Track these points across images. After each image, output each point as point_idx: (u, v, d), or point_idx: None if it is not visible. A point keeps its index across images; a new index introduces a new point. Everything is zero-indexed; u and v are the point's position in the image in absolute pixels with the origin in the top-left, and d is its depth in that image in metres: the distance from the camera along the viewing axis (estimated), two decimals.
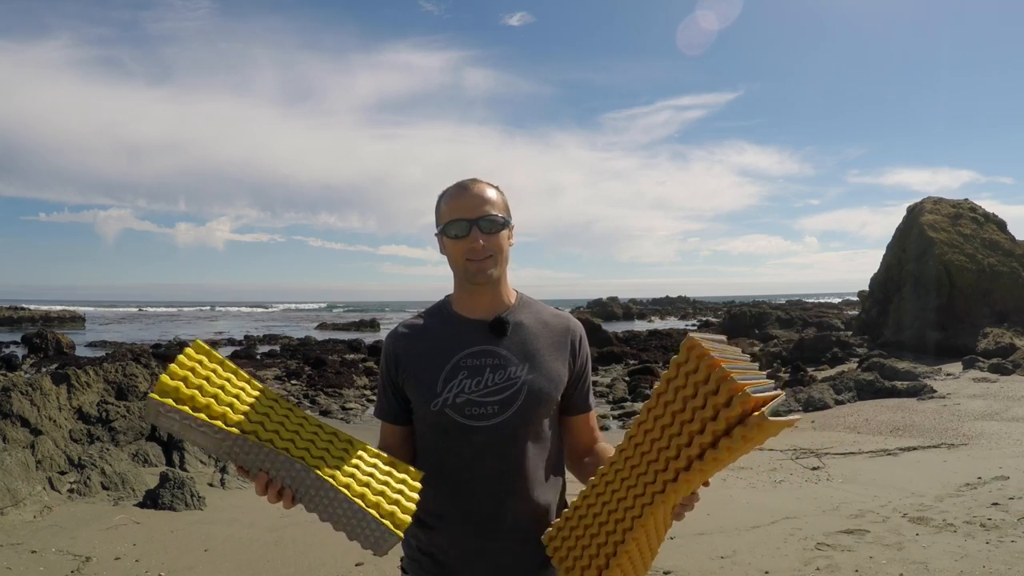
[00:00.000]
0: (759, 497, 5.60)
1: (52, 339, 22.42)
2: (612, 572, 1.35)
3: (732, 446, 1.18)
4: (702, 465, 1.22)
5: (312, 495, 1.32)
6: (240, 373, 1.39)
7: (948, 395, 10.34)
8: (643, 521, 1.31)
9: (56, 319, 40.86)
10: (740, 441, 1.17)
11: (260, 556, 4.40)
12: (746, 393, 1.17)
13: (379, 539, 1.30)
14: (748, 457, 7.17)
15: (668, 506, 1.31)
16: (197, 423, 1.26)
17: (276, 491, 1.32)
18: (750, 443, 1.18)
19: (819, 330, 23.00)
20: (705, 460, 1.21)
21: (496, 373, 1.50)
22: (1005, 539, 4.21)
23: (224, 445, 1.30)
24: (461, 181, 1.57)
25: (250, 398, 1.36)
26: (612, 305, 47.38)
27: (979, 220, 18.62)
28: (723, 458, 1.20)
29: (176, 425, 1.28)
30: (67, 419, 6.97)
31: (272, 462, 1.30)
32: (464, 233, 1.51)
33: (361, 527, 1.30)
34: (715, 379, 1.21)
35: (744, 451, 1.21)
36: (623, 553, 1.34)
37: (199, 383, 1.31)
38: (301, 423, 1.37)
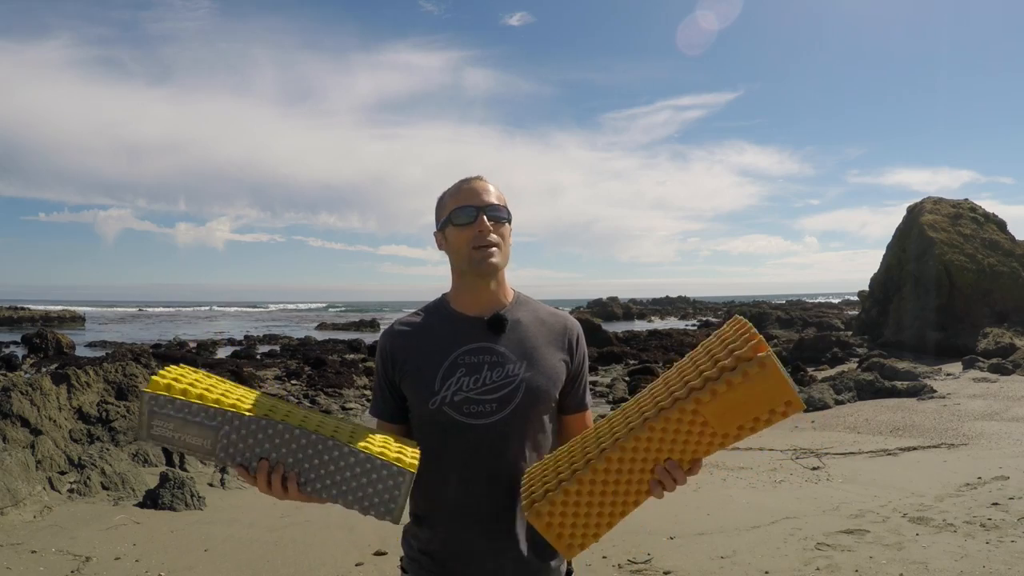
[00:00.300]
0: (759, 497, 5.59)
1: (52, 339, 22.42)
2: (557, 495, 1.29)
3: (730, 379, 1.19)
4: (699, 394, 1.22)
5: (316, 465, 1.27)
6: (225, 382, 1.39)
7: (948, 395, 10.34)
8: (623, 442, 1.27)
9: (56, 319, 40.88)
10: (739, 375, 1.19)
11: (260, 556, 4.40)
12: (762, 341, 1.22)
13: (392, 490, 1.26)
14: (748, 457, 7.16)
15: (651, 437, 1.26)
16: (193, 410, 1.24)
17: (280, 478, 1.27)
18: (749, 382, 1.19)
19: (819, 330, 23.01)
20: (703, 389, 1.22)
21: (494, 371, 1.50)
22: (1005, 539, 4.21)
23: (222, 434, 1.25)
24: (465, 177, 1.59)
25: (236, 391, 1.35)
26: (612, 305, 47.37)
27: (979, 220, 18.62)
28: (720, 390, 1.20)
29: (172, 425, 1.24)
30: (67, 419, 6.97)
31: (271, 438, 1.27)
32: (471, 219, 1.51)
33: (372, 486, 1.27)
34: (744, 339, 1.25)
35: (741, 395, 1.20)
36: (589, 470, 1.28)
37: (187, 385, 1.30)
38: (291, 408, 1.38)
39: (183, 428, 1.24)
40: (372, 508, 1.27)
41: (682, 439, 1.27)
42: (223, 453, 1.27)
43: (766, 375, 1.18)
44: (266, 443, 1.27)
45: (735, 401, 1.21)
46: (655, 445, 1.28)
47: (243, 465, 1.28)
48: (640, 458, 1.29)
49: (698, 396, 1.22)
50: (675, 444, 1.27)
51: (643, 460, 1.29)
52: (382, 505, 1.27)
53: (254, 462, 1.28)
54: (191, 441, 1.25)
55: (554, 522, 1.30)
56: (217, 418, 1.25)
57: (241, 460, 1.28)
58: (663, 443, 1.27)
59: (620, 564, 4.07)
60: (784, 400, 1.21)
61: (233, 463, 1.28)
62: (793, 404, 1.21)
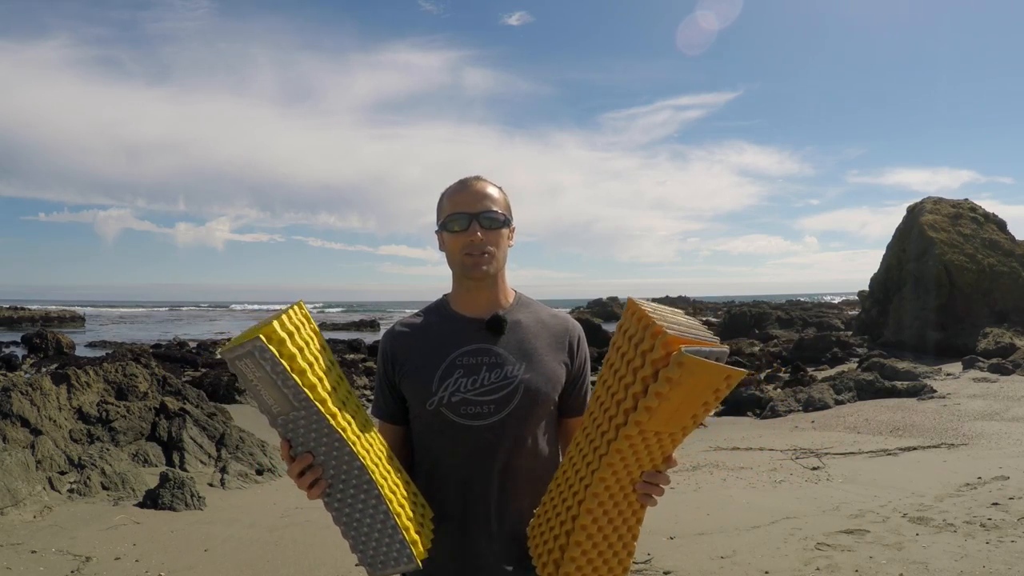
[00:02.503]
0: (759, 497, 5.59)
1: (52, 339, 22.42)
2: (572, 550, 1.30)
3: (658, 390, 1.14)
4: (635, 416, 1.18)
5: (348, 494, 1.29)
6: (328, 352, 1.36)
7: (948, 395, 10.34)
8: (593, 489, 1.26)
9: (56, 319, 40.87)
10: (664, 383, 1.13)
11: (260, 556, 4.40)
12: (665, 334, 1.13)
13: (390, 559, 1.29)
14: (748, 457, 7.17)
15: (618, 472, 1.26)
16: (288, 383, 1.20)
17: (313, 478, 1.28)
18: (677, 386, 1.12)
19: (819, 330, 22.99)
20: (638, 410, 1.17)
21: (492, 372, 1.49)
22: (1005, 539, 4.21)
23: (294, 414, 1.24)
24: (464, 178, 1.57)
25: (333, 381, 1.33)
26: (612, 305, 47.35)
27: (979, 220, 18.63)
28: (652, 405, 1.15)
29: (259, 374, 1.20)
30: (67, 419, 6.97)
31: (331, 448, 1.26)
32: (464, 227, 1.50)
33: (378, 543, 1.28)
34: (642, 329, 1.19)
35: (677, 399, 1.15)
36: (579, 529, 1.29)
37: (301, 344, 1.27)
38: (366, 424, 1.37)
39: (266, 384, 1.21)
40: (361, 554, 1.30)
41: (643, 454, 1.26)
42: (281, 424, 1.26)
43: (690, 371, 1.11)
44: (323, 447, 1.27)
45: (674, 405, 1.16)
46: (622, 473, 1.27)
47: (290, 444, 1.28)
48: (616, 489, 1.29)
49: (636, 418, 1.18)
50: (639, 461, 1.27)
51: (620, 490, 1.29)
52: (373, 559, 1.30)
53: (301, 449, 1.28)
54: (264, 397, 1.23)
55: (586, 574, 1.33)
56: (303, 402, 1.23)
57: (292, 439, 1.28)
58: (628, 467, 1.27)
59: None
60: (722, 379, 1.14)
61: (284, 436, 1.28)
62: (732, 377, 1.14)
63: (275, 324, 1.23)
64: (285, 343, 1.23)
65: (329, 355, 1.36)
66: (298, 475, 1.29)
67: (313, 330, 1.34)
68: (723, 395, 1.18)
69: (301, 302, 1.34)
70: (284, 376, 1.20)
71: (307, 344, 1.30)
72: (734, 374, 1.14)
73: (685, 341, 1.14)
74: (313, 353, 1.30)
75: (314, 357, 1.30)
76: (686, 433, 1.25)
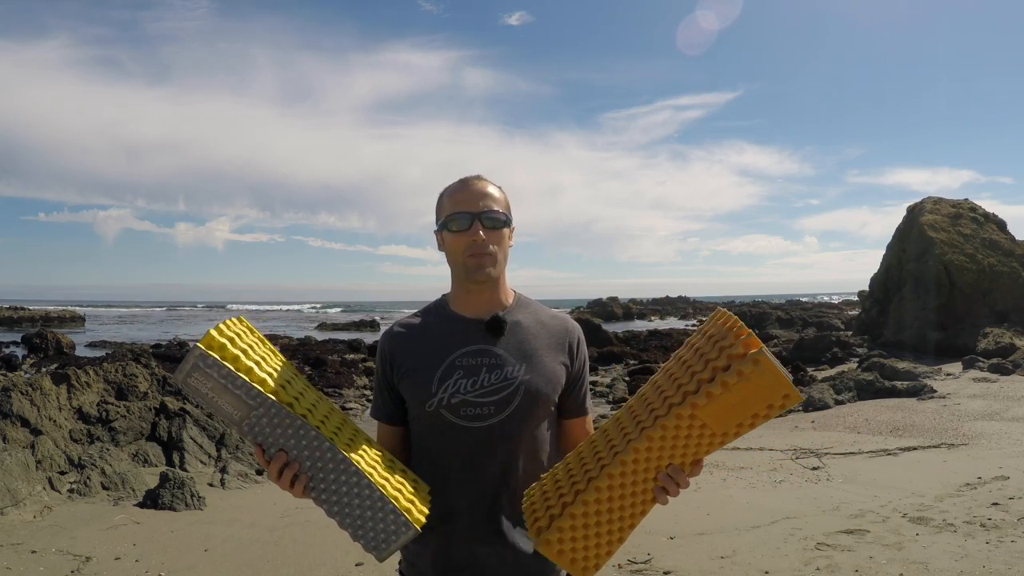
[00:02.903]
0: (759, 497, 5.59)
1: (52, 339, 22.41)
2: (563, 521, 1.27)
3: (725, 380, 1.17)
4: (695, 399, 1.19)
5: (330, 481, 1.28)
6: (277, 353, 1.38)
7: (948, 395, 10.34)
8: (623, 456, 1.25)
9: (56, 319, 40.86)
10: (734, 375, 1.16)
11: (260, 556, 4.40)
12: (752, 334, 1.19)
13: (390, 535, 1.27)
14: (748, 457, 7.16)
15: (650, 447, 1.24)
16: (237, 383, 1.23)
17: (292, 474, 1.28)
18: (745, 381, 1.16)
19: (819, 330, 23.01)
20: (699, 393, 1.19)
21: (492, 373, 1.48)
22: (1005, 539, 4.21)
23: (254, 414, 1.25)
24: (465, 177, 1.56)
25: (286, 376, 1.34)
26: (612, 305, 47.36)
27: (979, 220, 18.63)
28: (716, 392, 1.17)
29: (210, 384, 1.23)
30: (67, 419, 6.97)
31: (299, 438, 1.27)
32: (466, 227, 1.49)
33: (373, 521, 1.27)
34: (729, 331, 1.22)
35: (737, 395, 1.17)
36: (580, 502, 1.26)
37: (243, 347, 1.29)
38: (330, 411, 1.38)
39: (219, 392, 1.24)
40: (363, 539, 1.29)
41: (681, 444, 1.25)
42: (247, 429, 1.28)
43: (761, 372, 1.15)
44: (292, 439, 1.28)
45: (732, 401, 1.19)
46: (655, 454, 1.26)
47: (262, 447, 1.29)
48: (642, 468, 1.27)
49: (694, 400, 1.19)
50: (675, 449, 1.26)
51: (645, 471, 1.27)
52: (375, 541, 1.28)
53: (273, 449, 1.29)
54: (222, 406, 1.25)
55: (565, 548, 1.29)
56: (256, 398, 1.24)
57: (262, 442, 1.29)
58: (663, 450, 1.26)
59: (620, 564, 4.07)
60: (781, 394, 1.18)
61: (254, 441, 1.29)
62: (791, 397, 1.19)
63: (212, 332, 1.26)
64: (226, 347, 1.25)
65: (279, 356, 1.38)
66: (278, 476, 1.29)
67: (258, 338, 1.36)
68: (774, 413, 1.21)
69: (241, 316, 1.37)
70: (231, 377, 1.22)
71: (250, 348, 1.32)
72: (792, 394, 1.18)
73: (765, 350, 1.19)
74: (258, 355, 1.32)
75: (260, 357, 1.32)
76: (724, 442, 1.25)
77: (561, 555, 1.29)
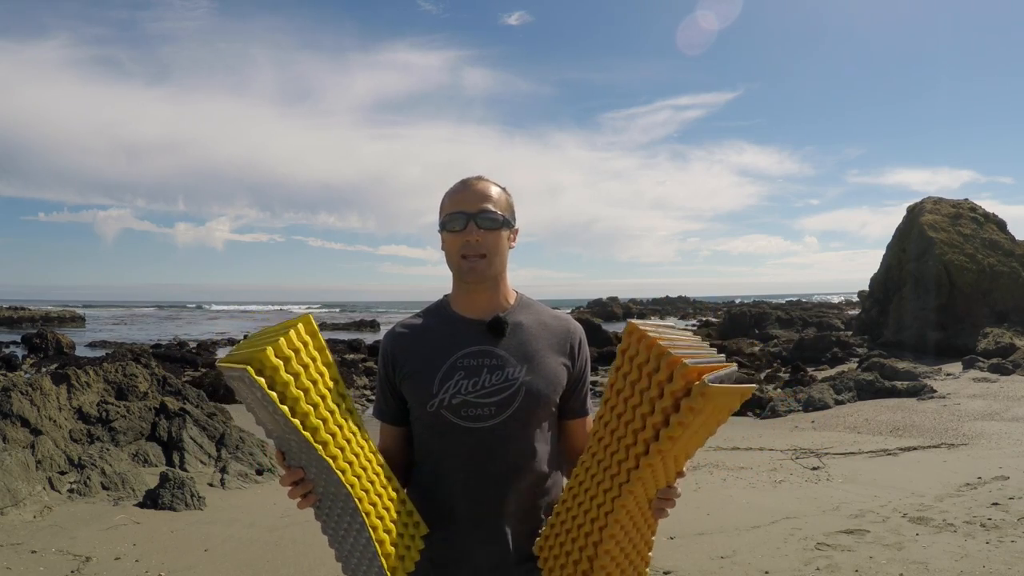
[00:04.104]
0: (759, 497, 5.59)
1: (52, 339, 22.42)
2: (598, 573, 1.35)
3: (681, 420, 1.16)
4: (658, 446, 1.20)
5: (336, 514, 1.34)
6: (333, 368, 1.36)
7: (948, 395, 10.34)
8: (615, 516, 1.29)
9: (56, 319, 40.87)
10: (688, 413, 1.15)
11: (260, 556, 4.40)
12: (684, 364, 1.16)
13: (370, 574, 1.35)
14: (748, 457, 7.17)
15: (638, 497, 1.29)
16: (278, 414, 1.22)
17: (304, 491, 1.33)
18: (700, 415, 1.15)
19: (819, 330, 22.99)
20: (660, 440, 1.19)
21: (494, 374, 1.48)
22: (1005, 539, 4.21)
23: (287, 438, 1.28)
24: (466, 178, 1.56)
25: (333, 404, 1.33)
26: (612, 305, 47.36)
27: (979, 220, 18.63)
28: (676, 435, 1.18)
29: (250, 398, 1.23)
30: (67, 419, 6.97)
31: (321, 470, 1.30)
32: (461, 227, 1.49)
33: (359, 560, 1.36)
34: (655, 357, 1.21)
35: (698, 425, 1.18)
36: (604, 554, 1.32)
37: (297, 370, 1.26)
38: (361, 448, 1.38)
39: (257, 407, 1.25)
40: (344, 564, 1.38)
41: (661, 474, 1.30)
42: (276, 442, 1.32)
43: (711, 397, 1.13)
44: (312, 469, 1.31)
45: (694, 431, 1.20)
46: (641, 497, 1.31)
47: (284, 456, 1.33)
48: (636, 512, 1.33)
49: (659, 447, 1.20)
50: (657, 481, 1.31)
51: (639, 512, 1.34)
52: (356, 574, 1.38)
53: (293, 463, 1.33)
54: (257, 414, 1.27)
55: None
56: (292, 432, 1.25)
57: (287, 454, 1.33)
58: (647, 489, 1.31)
59: None
60: (739, 397, 1.18)
61: (278, 449, 1.34)
62: (747, 394, 1.19)
63: (269, 351, 1.22)
64: (279, 371, 1.22)
65: (334, 372, 1.36)
66: (291, 485, 1.33)
67: (319, 347, 1.33)
68: (735, 410, 1.24)
69: (309, 316, 1.34)
70: (273, 406, 1.21)
71: (310, 364, 1.29)
72: (747, 392, 1.18)
73: (703, 369, 1.17)
74: (313, 375, 1.30)
75: (315, 378, 1.30)
76: (699, 447, 1.29)
77: None
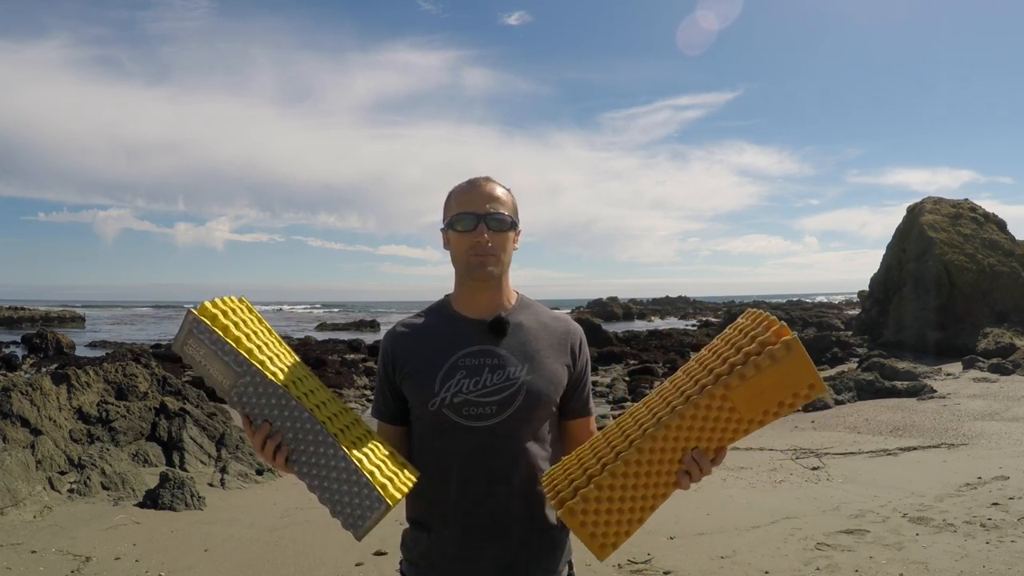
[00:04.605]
0: (759, 497, 5.59)
1: (52, 339, 22.42)
2: (589, 491, 1.27)
3: (759, 362, 1.22)
4: (727, 379, 1.24)
5: (310, 452, 1.32)
6: (272, 333, 1.43)
7: (948, 395, 10.34)
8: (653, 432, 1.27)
9: (56, 319, 40.87)
10: (767, 358, 1.21)
11: (260, 556, 4.40)
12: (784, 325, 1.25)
13: (365, 510, 1.28)
14: (748, 457, 7.16)
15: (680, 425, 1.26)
16: (225, 349, 1.28)
17: (275, 445, 1.32)
18: (776, 364, 1.21)
19: (819, 330, 22.99)
20: (732, 374, 1.24)
21: (495, 373, 1.49)
22: (1005, 539, 4.21)
23: (241, 382, 1.30)
24: (473, 178, 1.57)
25: (276, 350, 1.40)
26: (612, 305, 47.37)
27: (979, 220, 18.63)
28: (749, 373, 1.22)
29: (202, 351, 1.29)
30: (67, 419, 6.97)
31: (282, 408, 1.32)
32: (471, 227, 1.50)
33: (349, 496, 1.29)
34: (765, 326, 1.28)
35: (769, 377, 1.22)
36: (608, 473, 1.27)
37: (235, 320, 1.35)
38: (318, 386, 1.43)
39: (210, 359, 1.30)
40: (340, 515, 1.30)
41: (710, 426, 1.27)
42: (236, 398, 1.33)
43: (793, 357, 1.21)
44: (275, 410, 1.32)
45: (763, 385, 1.23)
46: (684, 434, 1.28)
47: (248, 417, 1.34)
48: (670, 447, 1.28)
49: (727, 381, 1.24)
50: (703, 432, 1.28)
51: (672, 450, 1.29)
52: (351, 518, 1.29)
53: (259, 420, 1.33)
54: (213, 373, 1.31)
55: (588, 520, 1.28)
56: (243, 366, 1.30)
57: (249, 412, 1.34)
58: (692, 431, 1.28)
59: (620, 564, 4.07)
60: (807, 383, 1.23)
61: (241, 411, 1.34)
62: (816, 387, 1.23)
63: (206, 303, 1.33)
64: (218, 318, 1.32)
65: (273, 334, 1.44)
66: (261, 447, 1.33)
67: (256, 317, 1.42)
68: (799, 403, 1.25)
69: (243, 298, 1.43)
70: (221, 343, 1.29)
71: (244, 322, 1.37)
72: (818, 384, 1.23)
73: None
74: (251, 328, 1.38)
75: (251, 331, 1.37)
76: (749, 430, 1.28)
77: (583, 527, 1.28)
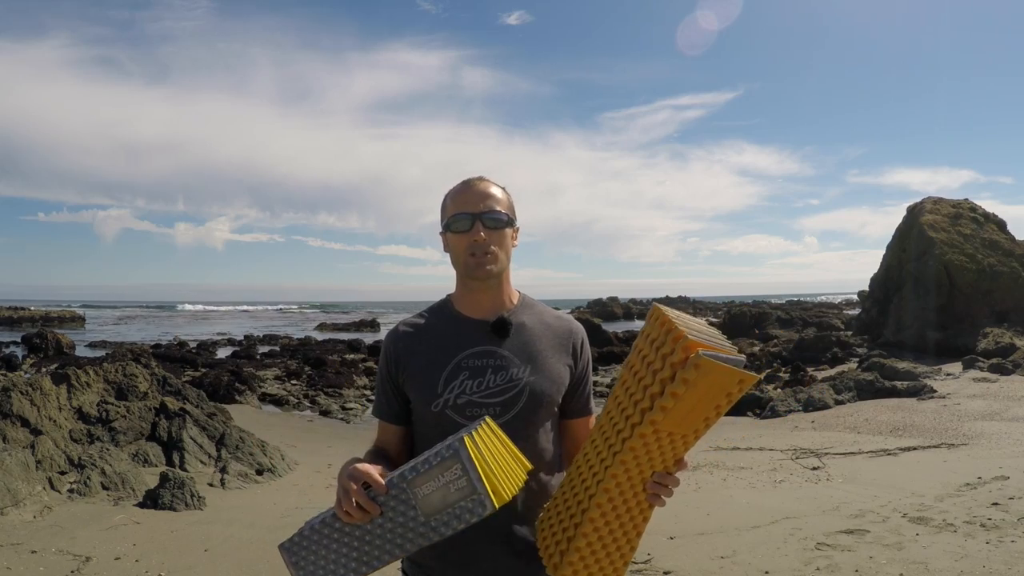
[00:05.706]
0: (759, 497, 5.59)
1: (52, 339, 22.41)
2: (571, 555, 1.33)
3: (674, 390, 1.18)
4: (651, 415, 1.21)
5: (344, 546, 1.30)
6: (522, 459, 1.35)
7: (948, 395, 10.34)
8: (604, 484, 1.29)
9: (56, 319, 40.86)
10: (680, 384, 1.17)
11: (260, 556, 4.40)
12: (685, 338, 1.18)
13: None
14: (748, 457, 7.17)
15: (629, 469, 1.29)
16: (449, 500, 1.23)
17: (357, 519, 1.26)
18: (692, 388, 1.16)
19: (819, 330, 22.98)
20: (654, 409, 1.21)
21: (498, 374, 1.50)
22: (1005, 539, 4.21)
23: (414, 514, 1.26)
24: (467, 178, 1.58)
25: None
26: (612, 305, 47.38)
27: (979, 220, 18.63)
28: (668, 405, 1.19)
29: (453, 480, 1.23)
30: (67, 419, 6.97)
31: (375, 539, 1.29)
32: (467, 227, 1.51)
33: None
34: (665, 334, 1.23)
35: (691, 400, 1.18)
36: (587, 521, 1.31)
37: None
38: None
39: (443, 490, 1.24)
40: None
41: (656, 453, 1.29)
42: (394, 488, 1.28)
43: (705, 373, 1.16)
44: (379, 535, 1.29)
45: (688, 406, 1.20)
46: (634, 471, 1.30)
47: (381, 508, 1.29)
48: (627, 487, 1.32)
49: (652, 417, 1.22)
50: (652, 460, 1.29)
51: (630, 488, 1.32)
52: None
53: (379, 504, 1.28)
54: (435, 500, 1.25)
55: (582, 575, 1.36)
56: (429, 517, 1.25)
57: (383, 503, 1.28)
58: (640, 465, 1.30)
59: None
60: (735, 382, 1.19)
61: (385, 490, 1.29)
62: (745, 381, 1.19)
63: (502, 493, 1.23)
64: None
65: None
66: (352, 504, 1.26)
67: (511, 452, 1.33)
68: (735, 399, 1.22)
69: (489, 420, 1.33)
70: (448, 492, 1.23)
71: None
72: (746, 378, 1.18)
73: (704, 346, 1.18)
74: None
75: None
76: (698, 436, 1.28)
77: None
